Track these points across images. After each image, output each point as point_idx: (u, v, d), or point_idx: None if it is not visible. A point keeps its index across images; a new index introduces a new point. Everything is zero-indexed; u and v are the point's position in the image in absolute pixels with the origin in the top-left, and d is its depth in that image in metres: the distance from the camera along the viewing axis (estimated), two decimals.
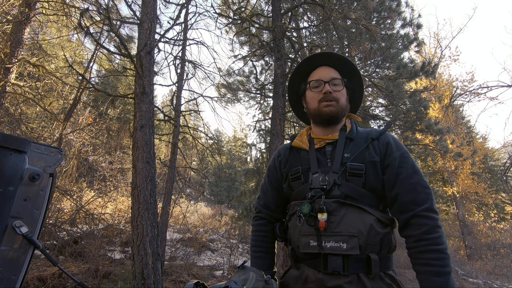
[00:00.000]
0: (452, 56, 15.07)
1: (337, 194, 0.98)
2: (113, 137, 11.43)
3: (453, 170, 13.56)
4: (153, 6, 3.93)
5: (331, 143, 1.09)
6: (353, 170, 0.99)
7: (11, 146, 0.65)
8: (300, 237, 1.00)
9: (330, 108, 1.07)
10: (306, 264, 1.01)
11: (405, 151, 1.04)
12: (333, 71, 1.14)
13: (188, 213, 10.23)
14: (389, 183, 1.00)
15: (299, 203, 1.03)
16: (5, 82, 5.37)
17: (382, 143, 1.04)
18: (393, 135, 1.10)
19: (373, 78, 7.59)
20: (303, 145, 1.13)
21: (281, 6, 5.64)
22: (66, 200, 6.54)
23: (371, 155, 1.01)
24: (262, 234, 1.21)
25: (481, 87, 7.97)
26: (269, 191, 1.22)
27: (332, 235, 0.94)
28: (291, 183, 1.11)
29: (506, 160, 7.70)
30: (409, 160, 1.02)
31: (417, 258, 0.93)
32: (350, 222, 0.94)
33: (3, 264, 0.61)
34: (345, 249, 0.92)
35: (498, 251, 12.69)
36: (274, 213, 1.22)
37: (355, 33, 5.09)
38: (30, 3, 5.67)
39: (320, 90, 1.09)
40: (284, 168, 1.16)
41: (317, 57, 1.17)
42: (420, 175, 1.00)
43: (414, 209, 0.95)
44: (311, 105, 1.13)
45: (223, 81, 7.57)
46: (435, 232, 0.91)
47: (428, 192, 0.97)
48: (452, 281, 0.87)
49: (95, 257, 4.89)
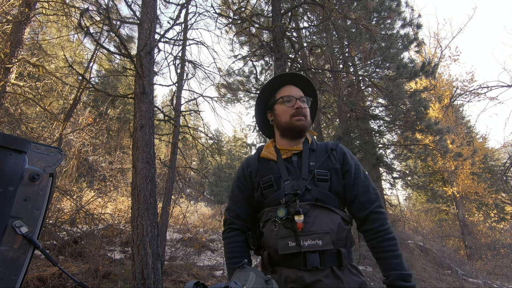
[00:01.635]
0: (452, 56, 15.08)
1: (308, 198, 1.10)
2: (113, 137, 11.43)
3: (453, 170, 13.56)
4: (153, 6, 3.93)
5: (296, 153, 1.22)
6: (320, 176, 1.14)
7: (11, 146, 0.65)
8: (278, 240, 1.07)
9: (302, 122, 1.21)
10: (284, 266, 1.07)
11: (357, 160, 1.26)
12: (299, 90, 1.27)
13: (188, 213, 10.23)
14: (348, 186, 1.17)
15: (273, 209, 1.12)
16: (5, 82, 5.37)
17: (340, 153, 1.22)
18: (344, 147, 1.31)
19: (373, 78, 7.59)
20: (271, 156, 1.23)
21: (281, 6, 5.64)
22: (66, 200, 6.54)
23: (333, 163, 1.18)
24: (237, 244, 1.22)
25: (481, 87, 7.97)
26: (240, 201, 1.26)
27: (308, 234, 1.04)
28: (263, 191, 1.19)
29: (506, 160, 7.70)
30: (361, 168, 1.22)
31: (378, 247, 1.11)
32: (322, 222, 1.07)
33: (3, 264, 0.61)
34: (321, 245, 1.03)
35: (498, 251, 12.69)
36: (246, 223, 1.25)
37: (355, 33, 5.09)
38: (30, 3, 5.67)
39: (292, 105, 1.22)
40: (255, 178, 1.23)
41: (288, 76, 1.30)
42: (369, 179, 1.21)
43: (370, 207, 1.13)
44: (282, 119, 1.24)
45: (223, 81, 7.58)
46: (386, 224, 1.12)
47: (376, 193, 1.18)
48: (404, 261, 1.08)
49: (95, 257, 4.89)
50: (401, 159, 11.18)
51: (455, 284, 7.76)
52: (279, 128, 1.26)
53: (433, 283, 7.34)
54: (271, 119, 1.31)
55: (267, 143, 1.33)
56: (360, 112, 8.40)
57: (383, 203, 8.04)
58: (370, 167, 9.45)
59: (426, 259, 9.47)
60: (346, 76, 8.64)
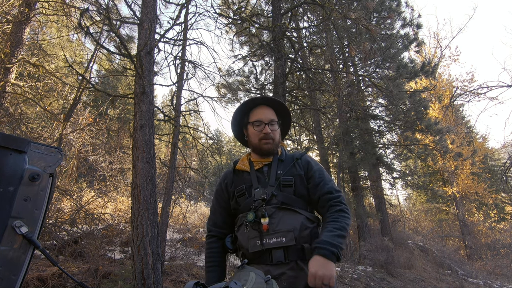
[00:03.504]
0: (452, 56, 15.08)
1: (274, 202, 1.25)
2: (113, 137, 11.43)
3: (453, 170, 13.56)
4: (153, 6, 3.93)
5: (267, 164, 1.38)
6: (285, 182, 1.29)
7: (11, 146, 0.65)
8: (248, 240, 1.23)
9: (268, 145, 1.36)
10: (255, 263, 1.22)
11: (320, 166, 1.40)
12: (270, 112, 1.42)
13: (188, 213, 10.23)
14: (312, 189, 1.31)
15: (246, 214, 1.27)
16: (5, 82, 5.37)
17: (304, 161, 1.38)
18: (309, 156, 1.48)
19: (373, 78, 7.59)
20: (245, 168, 1.40)
21: (281, 6, 5.64)
22: (66, 200, 6.53)
23: (297, 170, 1.34)
24: (213, 250, 1.39)
25: (481, 87, 7.96)
26: (217, 211, 1.44)
27: (273, 233, 1.19)
28: (237, 199, 1.35)
29: (506, 160, 7.70)
30: (324, 173, 1.36)
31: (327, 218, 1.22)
32: (286, 221, 1.21)
33: (3, 264, 0.61)
34: (285, 242, 1.17)
35: (498, 251, 12.69)
36: (223, 229, 1.41)
37: (355, 33, 5.09)
38: (30, 3, 5.66)
39: (261, 130, 1.37)
40: (230, 188, 1.40)
41: (260, 100, 1.46)
42: (332, 182, 1.34)
43: (329, 202, 1.27)
44: (252, 140, 1.41)
45: (223, 81, 7.58)
46: (340, 212, 1.22)
47: (339, 193, 1.30)
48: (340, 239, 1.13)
49: (95, 257, 4.89)
50: (401, 159, 11.19)
51: (455, 284, 7.76)
52: (251, 146, 1.44)
53: (433, 283, 7.34)
54: (246, 135, 1.47)
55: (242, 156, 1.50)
56: (360, 112, 8.40)
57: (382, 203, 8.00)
58: (370, 167, 9.45)
59: (426, 259, 9.47)
60: (346, 76, 8.64)
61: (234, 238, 1.35)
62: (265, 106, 1.44)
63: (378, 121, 10.05)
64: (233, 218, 1.40)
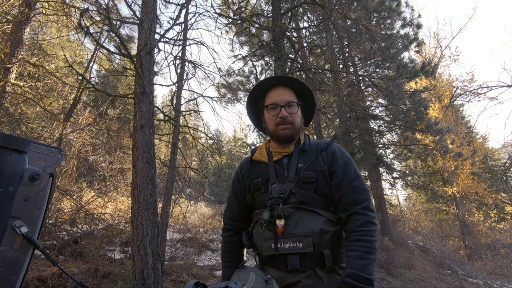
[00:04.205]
0: (452, 56, 15.09)
1: (293, 201, 1.11)
2: (113, 137, 11.43)
3: (453, 170, 13.56)
4: (153, 6, 3.93)
5: (287, 155, 1.22)
6: (306, 179, 1.13)
7: (11, 146, 0.65)
8: (263, 241, 1.12)
9: (286, 131, 1.19)
10: (269, 266, 1.12)
11: (349, 158, 1.19)
12: (288, 93, 1.24)
13: (188, 213, 10.23)
14: (334, 188, 1.13)
15: (261, 212, 1.15)
16: (5, 82, 5.37)
17: (329, 153, 1.19)
18: (338, 145, 1.25)
19: (373, 78, 7.59)
20: (263, 158, 1.25)
21: (281, 6, 5.63)
22: (66, 200, 6.53)
23: (320, 164, 1.16)
24: (229, 244, 1.30)
25: (481, 87, 7.96)
26: (234, 203, 1.32)
27: (289, 237, 1.07)
28: (253, 194, 1.23)
29: (506, 160, 7.70)
30: (351, 167, 1.16)
31: (348, 246, 1.04)
32: (304, 224, 1.07)
33: (3, 264, 0.61)
34: (301, 247, 1.04)
35: (498, 251, 12.68)
36: (239, 223, 1.31)
37: (355, 33, 5.09)
38: (30, 3, 5.66)
39: (277, 113, 1.21)
40: (246, 181, 1.27)
41: (276, 79, 1.28)
42: (360, 179, 1.15)
43: (352, 208, 1.08)
44: (269, 126, 1.25)
45: (223, 81, 7.58)
46: (367, 226, 1.04)
47: (366, 194, 1.12)
48: (372, 267, 0.97)
49: (95, 257, 4.89)
50: (401, 159, 11.19)
51: (455, 284, 7.76)
52: (268, 133, 1.28)
53: (433, 283, 7.34)
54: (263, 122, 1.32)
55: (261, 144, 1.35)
56: (360, 112, 8.40)
57: (383, 203, 7.95)
58: (370, 167, 9.44)
59: (426, 259, 9.47)
60: (346, 76, 8.64)
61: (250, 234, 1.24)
62: (282, 87, 1.25)
63: (378, 121, 10.05)
64: (250, 212, 1.28)
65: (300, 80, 1.27)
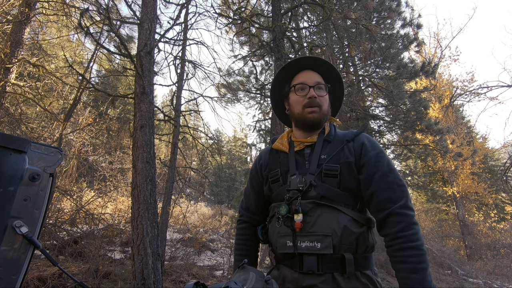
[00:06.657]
0: (452, 56, 15.09)
1: (313, 195, 1.00)
2: (113, 137, 11.43)
3: (453, 170, 13.56)
4: (153, 6, 3.93)
5: (309, 145, 1.11)
6: (328, 171, 1.01)
7: (11, 146, 0.65)
8: (278, 238, 1.03)
9: (314, 114, 1.09)
10: (284, 265, 1.03)
11: (380, 150, 1.05)
12: (317, 76, 1.15)
13: (188, 213, 10.23)
14: (364, 182, 1.01)
15: (278, 205, 1.06)
16: (5, 82, 5.37)
17: (357, 144, 1.06)
18: (368, 135, 1.11)
19: (373, 78, 7.59)
20: (283, 148, 1.15)
21: (281, 6, 5.64)
22: (66, 200, 6.53)
23: (346, 156, 1.03)
24: (244, 237, 1.23)
25: (481, 87, 7.96)
26: (251, 194, 1.25)
27: (307, 235, 0.96)
28: (270, 185, 1.14)
29: (506, 160, 7.70)
30: (384, 159, 1.02)
31: (394, 256, 0.93)
32: (324, 223, 0.96)
33: (3, 264, 0.61)
34: (319, 248, 0.94)
35: (498, 251, 12.69)
36: (256, 216, 1.24)
37: (355, 33, 5.09)
38: (30, 3, 5.66)
39: (305, 94, 1.11)
40: (264, 171, 1.19)
41: (303, 61, 1.18)
42: (395, 173, 1.00)
43: (390, 207, 0.95)
44: (295, 109, 1.14)
45: (223, 81, 7.58)
46: (410, 229, 0.91)
47: (403, 190, 0.98)
48: (428, 277, 0.87)
49: (95, 257, 4.89)
50: (401, 159, 11.18)
51: (455, 284, 7.76)
52: (293, 118, 1.17)
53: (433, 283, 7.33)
54: (287, 108, 1.21)
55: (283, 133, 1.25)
56: (360, 112, 8.40)
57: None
58: None
59: None
60: (346, 76, 8.64)
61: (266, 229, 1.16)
62: (310, 71, 1.16)
63: (378, 121, 10.05)
64: (267, 205, 1.20)
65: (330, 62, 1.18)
